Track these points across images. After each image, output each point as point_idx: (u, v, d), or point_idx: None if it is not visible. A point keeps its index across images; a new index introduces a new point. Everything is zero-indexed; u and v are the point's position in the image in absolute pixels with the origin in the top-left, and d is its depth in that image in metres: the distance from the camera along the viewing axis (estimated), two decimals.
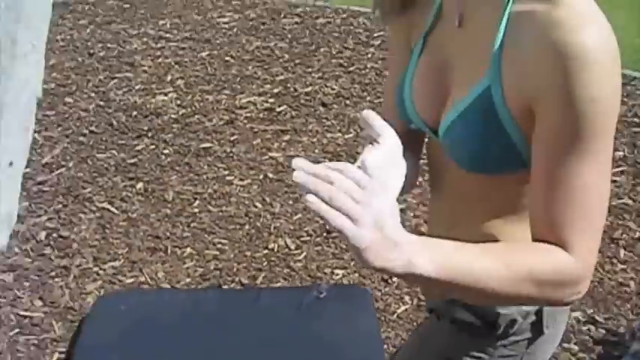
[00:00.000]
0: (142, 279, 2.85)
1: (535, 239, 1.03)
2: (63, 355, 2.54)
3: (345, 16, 6.51)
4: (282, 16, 6.49)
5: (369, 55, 5.30)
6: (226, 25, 6.14)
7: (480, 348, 1.28)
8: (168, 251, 2.98)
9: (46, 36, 3.44)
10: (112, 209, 3.26)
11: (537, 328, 1.26)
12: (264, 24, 6.20)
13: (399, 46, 1.30)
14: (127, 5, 6.88)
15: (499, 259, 0.97)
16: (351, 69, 5.05)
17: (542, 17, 0.95)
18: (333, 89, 4.63)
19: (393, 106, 1.27)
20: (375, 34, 5.87)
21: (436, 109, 1.15)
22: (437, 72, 1.16)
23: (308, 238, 3.04)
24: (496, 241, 1.17)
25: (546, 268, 0.99)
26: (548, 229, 1.00)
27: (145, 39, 5.66)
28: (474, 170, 1.12)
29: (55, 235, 3.08)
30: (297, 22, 6.29)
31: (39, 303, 2.73)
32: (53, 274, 2.86)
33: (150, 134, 3.94)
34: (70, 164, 3.65)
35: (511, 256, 0.99)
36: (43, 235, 3.07)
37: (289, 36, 5.83)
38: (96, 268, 2.90)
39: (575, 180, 0.97)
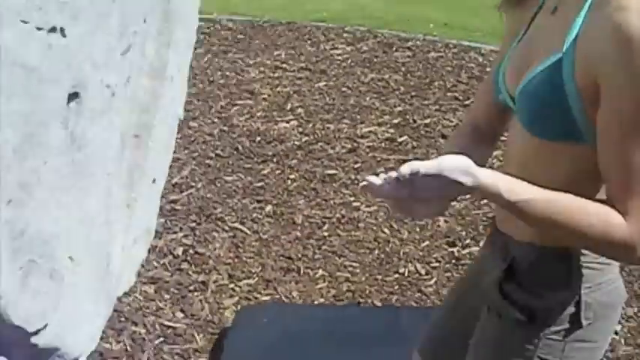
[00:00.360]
0: (277, 297, 2.93)
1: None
2: None
3: (456, 50, 6.58)
4: (394, 49, 6.60)
5: None
6: (340, 57, 6.27)
7: (526, 340, 1.36)
8: (301, 272, 3.06)
9: (189, 60, 3.60)
10: (244, 229, 3.36)
11: (576, 319, 1.32)
12: (377, 57, 6.32)
13: (509, 34, 1.44)
14: (242, 36, 7.13)
15: (561, 195, 1.16)
16: (467, 102, 5.08)
17: (614, 2, 1.09)
18: (451, 122, 4.68)
19: (489, 82, 1.46)
20: (488, 69, 5.88)
21: (518, 77, 1.28)
22: (526, 48, 1.30)
23: (437, 264, 3.08)
24: None
25: (597, 221, 1.15)
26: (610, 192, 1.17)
27: (262, 68, 5.84)
28: (533, 131, 1.25)
29: (191, 251, 3.20)
30: (409, 56, 6.38)
31: (180, 315, 2.83)
32: (192, 288, 2.97)
33: (275, 159, 4.06)
34: (199, 185, 3.79)
35: (573, 198, 1.17)
36: (180, 250, 3.19)
37: (403, 69, 5.92)
38: (232, 285, 3.00)
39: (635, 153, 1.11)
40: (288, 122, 4.62)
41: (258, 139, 4.35)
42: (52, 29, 1.86)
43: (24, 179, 1.84)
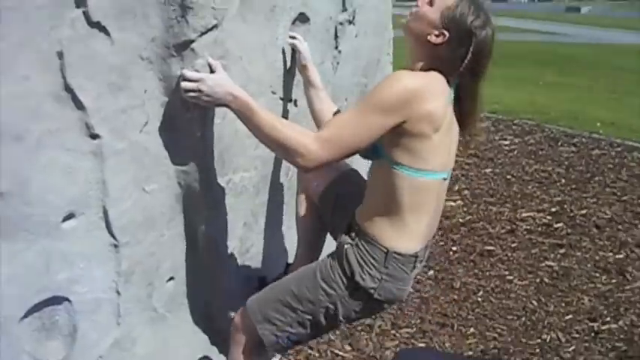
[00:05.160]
0: (432, 345, 3.40)
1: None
2: None
3: (619, 149, 6.85)
4: (559, 144, 6.97)
5: None
6: (507, 147, 6.73)
7: None
8: (455, 328, 3.52)
9: None
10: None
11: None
12: (542, 149, 6.72)
13: None
14: None
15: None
16: (625, 198, 5.39)
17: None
18: (606, 214, 5.01)
19: None
20: None
21: None
22: None
23: (577, 335, 3.43)
24: None
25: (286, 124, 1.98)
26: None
27: None
28: None
29: None
30: (573, 151, 6.73)
31: (348, 347, 3.36)
32: (360, 328, 3.49)
33: (440, 232, 4.57)
34: None
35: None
36: None
37: (566, 162, 6.29)
38: (393, 331, 3.50)
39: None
40: (454, 202, 5.14)
41: None
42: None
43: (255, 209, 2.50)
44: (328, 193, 2.43)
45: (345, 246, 2.08)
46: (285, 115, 2.60)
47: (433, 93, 1.91)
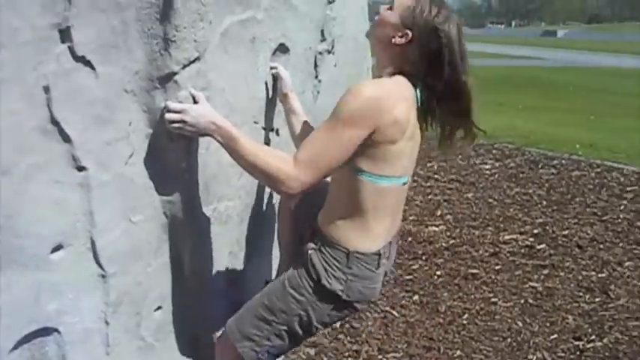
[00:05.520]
0: None
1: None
2: None
3: (599, 170, 6.96)
4: (539, 166, 7.07)
5: (622, 207, 5.71)
6: (488, 172, 6.81)
7: None
8: (441, 351, 3.54)
9: None
10: (394, 313, 3.91)
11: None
12: (523, 172, 6.81)
13: None
14: None
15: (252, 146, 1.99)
16: (605, 218, 5.47)
17: None
18: (588, 234, 5.08)
19: None
20: (629, 189, 6.24)
21: None
22: None
23: (563, 354, 3.47)
24: None
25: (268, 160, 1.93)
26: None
27: (415, 178, 6.45)
28: None
29: (347, 325, 3.77)
30: (553, 173, 6.82)
31: None
32: (347, 354, 3.51)
33: (424, 257, 4.61)
34: None
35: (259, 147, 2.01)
36: (338, 324, 3.77)
37: (547, 185, 6.38)
38: (380, 356, 3.52)
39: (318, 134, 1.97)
40: (437, 226, 5.19)
41: (410, 239, 4.93)
42: None
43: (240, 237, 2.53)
44: (302, 204, 2.47)
45: (309, 251, 2.11)
46: (267, 144, 2.65)
47: (398, 97, 1.95)
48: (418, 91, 2.04)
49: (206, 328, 2.41)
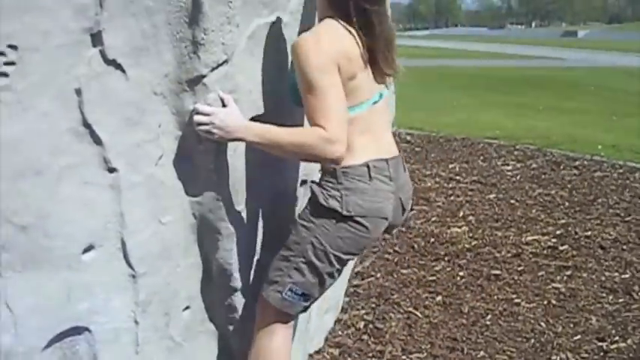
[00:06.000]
0: None
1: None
2: None
3: (621, 171, 6.92)
4: (561, 167, 7.04)
5: None
6: (510, 173, 6.79)
7: None
8: (464, 352, 3.54)
9: None
10: (417, 313, 3.91)
11: None
12: (544, 174, 6.78)
13: None
14: (419, 149, 7.82)
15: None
16: (628, 218, 5.45)
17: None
18: (610, 235, 5.06)
19: None
20: None
21: None
22: None
23: (586, 355, 3.46)
24: None
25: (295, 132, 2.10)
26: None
27: (437, 179, 6.46)
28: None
29: (371, 326, 3.78)
30: (575, 174, 6.79)
31: None
32: (370, 355, 3.52)
33: (446, 258, 4.61)
34: (378, 275, 4.40)
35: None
36: (361, 324, 3.78)
37: (569, 186, 6.35)
38: (404, 357, 3.52)
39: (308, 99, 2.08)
40: (460, 227, 5.19)
41: (432, 240, 4.94)
42: None
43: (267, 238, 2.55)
44: None
45: (311, 185, 2.28)
46: None
47: (335, 34, 2.11)
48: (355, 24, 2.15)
49: (234, 327, 2.43)
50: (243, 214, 2.32)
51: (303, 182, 2.71)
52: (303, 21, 2.51)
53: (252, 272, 2.46)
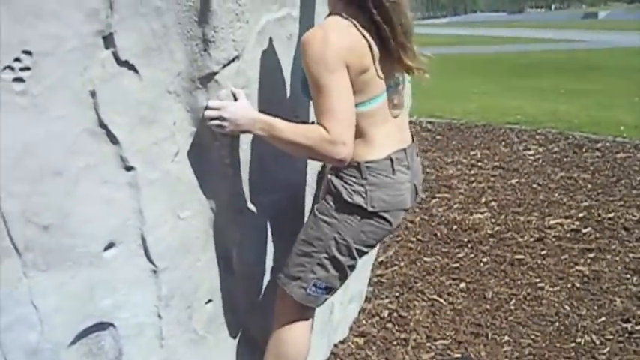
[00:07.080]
0: (468, 355, 3.45)
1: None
2: None
3: None
4: (583, 150, 7.00)
5: None
6: (532, 157, 6.77)
7: None
8: (489, 337, 3.56)
9: None
10: (441, 300, 3.93)
11: None
12: (567, 157, 6.75)
13: None
14: (440, 137, 7.81)
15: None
16: None
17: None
18: (634, 216, 5.04)
19: None
20: None
21: None
22: None
23: (611, 337, 3.46)
24: None
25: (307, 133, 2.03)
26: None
27: (459, 166, 6.45)
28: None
29: (395, 314, 3.80)
30: (598, 157, 6.75)
31: None
32: (395, 342, 3.55)
33: (469, 245, 4.62)
34: (402, 263, 4.42)
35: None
36: (386, 313, 3.81)
37: (591, 168, 6.32)
38: (429, 344, 3.55)
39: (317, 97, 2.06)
40: (482, 214, 5.19)
41: (455, 227, 4.95)
42: None
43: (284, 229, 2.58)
44: None
45: (330, 177, 2.24)
46: None
47: (344, 30, 2.06)
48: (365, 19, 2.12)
49: (256, 319, 2.47)
50: (260, 207, 2.35)
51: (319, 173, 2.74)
52: (303, 15, 2.52)
53: (271, 263, 2.50)
